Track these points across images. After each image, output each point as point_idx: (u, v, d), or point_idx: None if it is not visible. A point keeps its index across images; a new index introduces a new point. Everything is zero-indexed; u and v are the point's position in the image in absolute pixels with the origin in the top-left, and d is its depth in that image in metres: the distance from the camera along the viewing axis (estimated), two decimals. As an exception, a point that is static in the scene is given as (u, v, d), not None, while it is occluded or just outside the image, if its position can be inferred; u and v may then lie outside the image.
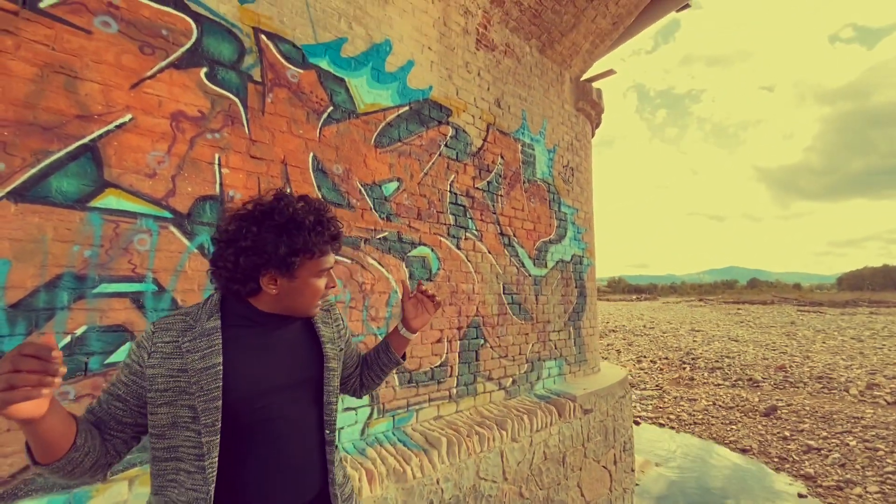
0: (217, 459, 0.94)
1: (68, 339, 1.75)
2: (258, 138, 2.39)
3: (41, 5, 1.76)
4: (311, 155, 2.62)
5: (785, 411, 8.64)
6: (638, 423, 8.48)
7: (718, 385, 11.10)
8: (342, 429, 2.65)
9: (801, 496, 5.60)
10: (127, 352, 0.97)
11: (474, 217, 3.65)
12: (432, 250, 3.28)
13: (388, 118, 3.06)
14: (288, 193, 1.06)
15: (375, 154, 2.97)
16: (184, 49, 2.14)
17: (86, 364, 1.78)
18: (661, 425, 8.53)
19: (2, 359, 0.68)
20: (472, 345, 3.51)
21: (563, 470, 3.58)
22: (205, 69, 2.21)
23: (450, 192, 3.46)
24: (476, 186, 3.69)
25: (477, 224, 3.67)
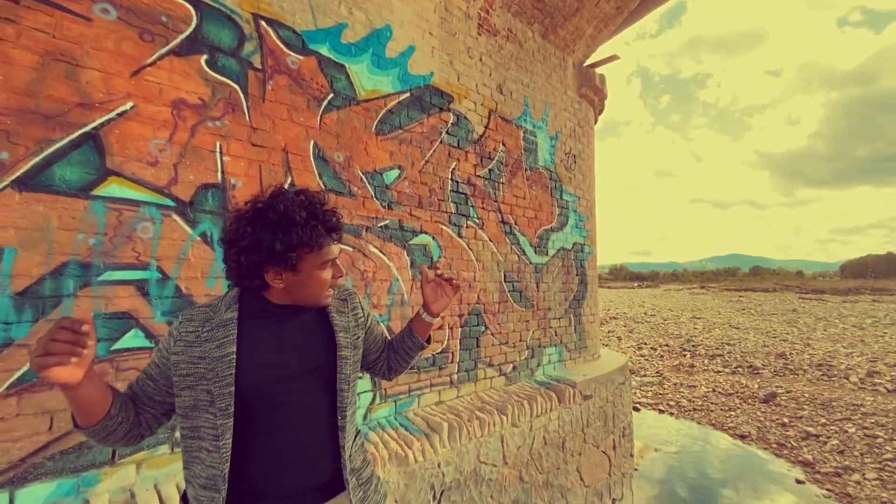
0: (230, 441, 1.00)
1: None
2: (259, 126, 2.39)
3: (40, -8, 1.75)
4: (312, 142, 2.62)
5: (784, 398, 8.70)
6: (638, 409, 8.56)
7: (718, 372, 11.17)
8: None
9: (798, 482, 5.68)
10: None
11: (476, 205, 3.65)
12: (433, 238, 3.29)
13: (388, 105, 3.05)
14: (285, 190, 1.09)
15: (376, 141, 2.96)
16: (183, 36, 2.13)
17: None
18: (661, 411, 8.61)
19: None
20: (472, 332, 3.54)
21: (562, 455, 3.64)
22: (205, 56, 2.19)
23: (451, 179, 3.45)
24: (477, 174, 3.68)
25: (478, 212, 3.67)
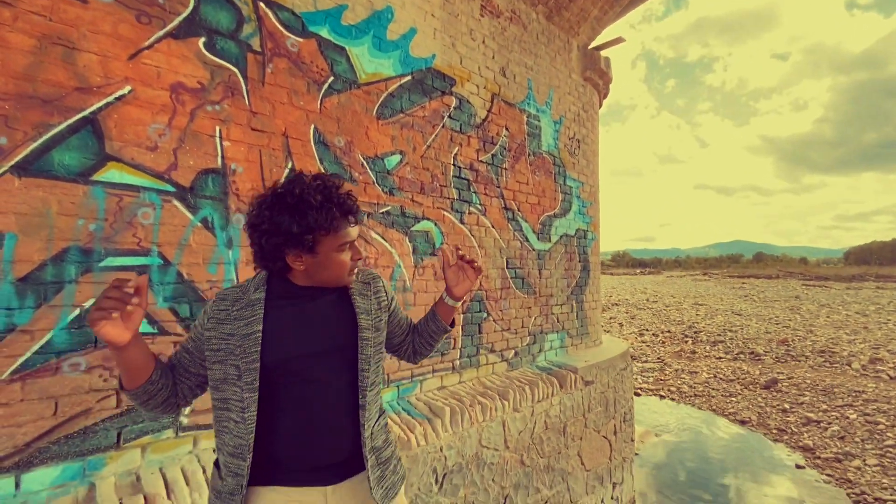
0: (255, 413, 1.07)
1: (77, 312, 1.78)
2: (259, 110, 2.36)
3: (34, -28, 1.71)
4: (313, 127, 2.59)
5: (785, 384, 8.73)
6: (639, 395, 8.62)
7: (720, 358, 11.21)
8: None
9: (798, 467, 5.73)
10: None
11: (478, 191, 3.62)
12: (436, 224, 3.27)
13: (389, 88, 3.00)
14: (302, 175, 1.14)
15: (377, 126, 2.93)
16: (181, 18, 2.09)
17: (95, 337, 1.82)
18: (662, 397, 8.67)
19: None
20: (475, 318, 3.55)
21: (563, 439, 3.67)
22: (203, 39, 2.16)
23: (453, 165, 3.42)
24: (480, 159, 3.65)
25: (481, 198, 3.64)
